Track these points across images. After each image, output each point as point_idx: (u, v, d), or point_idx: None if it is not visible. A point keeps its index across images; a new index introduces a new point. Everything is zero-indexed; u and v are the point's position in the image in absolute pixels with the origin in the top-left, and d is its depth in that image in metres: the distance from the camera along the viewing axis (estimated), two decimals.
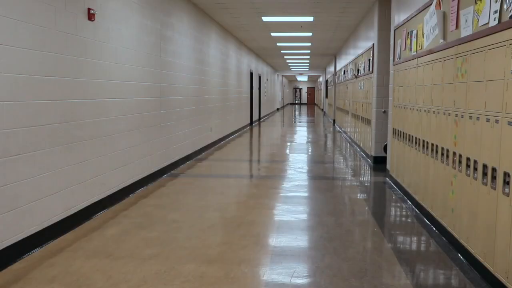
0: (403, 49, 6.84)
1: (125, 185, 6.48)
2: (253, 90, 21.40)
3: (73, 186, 5.07)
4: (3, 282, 3.68)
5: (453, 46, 4.55)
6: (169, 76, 8.44)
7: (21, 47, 4.15)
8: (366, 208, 6.32)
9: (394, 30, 7.58)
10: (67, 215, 4.95)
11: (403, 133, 6.73)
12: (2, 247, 3.93)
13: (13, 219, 4.07)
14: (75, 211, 5.12)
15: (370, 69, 10.18)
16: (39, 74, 4.42)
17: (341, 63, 18.74)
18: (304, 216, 5.79)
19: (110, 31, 5.92)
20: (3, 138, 3.92)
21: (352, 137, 13.65)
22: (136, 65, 6.80)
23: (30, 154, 4.30)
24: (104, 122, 5.78)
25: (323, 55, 23.04)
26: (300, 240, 4.86)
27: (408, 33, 6.52)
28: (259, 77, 23.99)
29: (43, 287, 3.58)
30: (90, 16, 5.36)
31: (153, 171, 7.62)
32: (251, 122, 20.75)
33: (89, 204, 5.42)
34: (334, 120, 22.05)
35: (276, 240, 4.78)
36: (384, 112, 9.32)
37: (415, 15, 6.13)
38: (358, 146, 12.09)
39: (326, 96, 30.36)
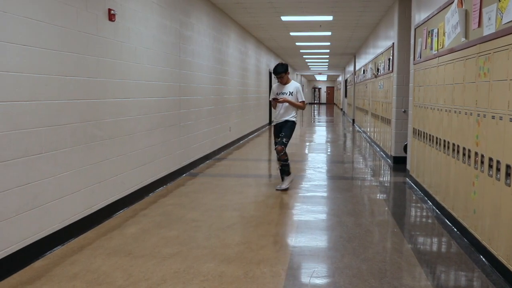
0: (424, 48, 6.77)
1: (145, 184, 6.52)
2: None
3: (94, 185, 5.12)
4: (26, 279, 3.73)
5: (475, 45, 4.49)
6: (188, 76, 8.48)
7: (43, 48, 4.21)
8: (386, 208, 6.27)
9: (415, 29, 7.50)
10: (88, 214, 5.01)
11: (424, 133, 6.66)
12: (25, 245, 3.99)
13: (35, 217, 4.12)
14: (96, 209, 5.17)
15: (390, 68, 10.09)
16: (60, 74, 4.47)
17: (360, 63, 18.62)
18: (323, 216, 5.76)
19: (130, 31, 5.97)
20: (25, 137, 3.97)
21: (372, 137, 13.55)
22: (155, 64, 6.84)
23: (52, 154, 4.35)
24: (124, 122, 5.82)
25: (342, 55, 22.91)
26: (319, 240, 4.84)
27: (429, 32, 6.44)
28: None
29: (65, 284, 3.62)
30: (111, 17, 5.40)
31: (172, 171, 7.66)
32: (270, 121, 20.73)
33: (109, 203, 5.47)
34: (353, 120, 21.92)
35: (295, 240, 4.77)
36: (404, 111, 9.23)
37: (436, 14, 6.06)
38: (378, 146, 11.99)
39: (346, 96, 30.19)
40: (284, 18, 12.06)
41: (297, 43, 17.99)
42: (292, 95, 7.13)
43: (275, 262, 4.15)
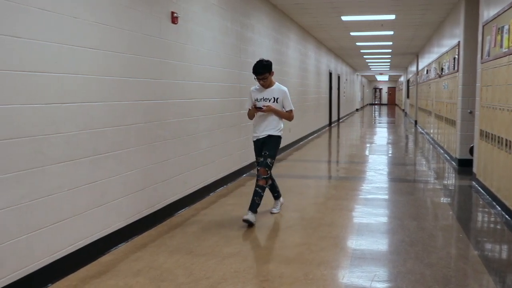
0: (493, 46, 6.49)
1: (206, 184, 6.62)
2: (332, 91, 21.18)
3: (157, 184, 5.25)
4: (94, 272, 3.88)
5: None
6: (249, 77, 8.52)
7: (111, 51, 4.36)
8: (450, 212, 6.06)
9: (483, 26, 7.21)
10: (151, 212, 5.14)
11: (492, 134, 6.39)
12: (93, 240, 4.15)
13: (102, 214, 4.28)
14: (158, 208, 5.30)
15: (455, 68, 9.75)
16: (125, 76, 4.62)
17: (423, 62, 18.12)
18: (384, 219, 5.64)
19: (192, 34, 6.08)
20: (93, 137, 4.13)
21: (435, 139, 13.14)
22: (216, 66, 6.94)
23: (117, 153, 4.50)
24: (186, 122, 5.94)
25: (404, 54, 22.37)
26: (380, 244, 4.75)
27: (499, 28, 6.17)
28: (338, 77, 23.71)
29: (129, 280, 3.73)
30: (174, 19, 5.53)
31: (232, 171, 7.74)
32: (330, 122, 20.55)
33: (171, 201, 5.60)
34: (415, 121, 21.35)
35: (355, 243, 4.69)
36: (470, 112, 8.89)
37: (507, 9, 5.80)
38: (442, 148, 11.62)
39: (408, 96, 29.46)
40: (344, 18, 11.92)
41: (357, 43, 17.74)
42: (277, 102, 5.49)
43: (336, 264, 4.11)
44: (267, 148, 5.43)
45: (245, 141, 8.34)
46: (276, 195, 5.86)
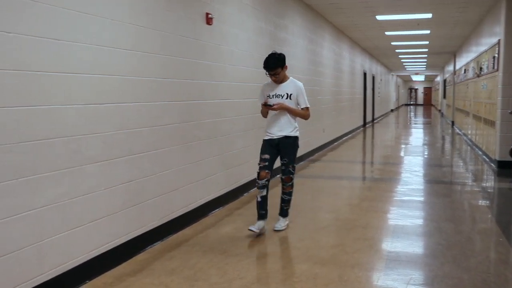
0: None
1: (240, 184, 6.64)
2: (367, 91, 20.95)
3: (191, 183, 5.30)
4: (129, 270, 3.94)
5: None
6: None
7: (146, 52, 4.42)
8: (489, 215, 5.91)
9: None
10: (185, 212, 5.18)
11: None
12: (129, 238, 4.21)
13: (137, 213, 4.34)
14: (193, 208, 5.34)
15: (495, 67, 9.50)
16: (161, 77, 4.68)
17: (461, 61, 17.73)
18: (420, 221, 5.54)
19: (226, 34, 6.11)
20: (129, 137, 4.19)
21: (473, 140, 12.84)
22: (250, 66, 6.95)
23: (152, 153, 4.56)
24: (220, 123, 5.97)
25: (441, 54, 21.95)
26: (416, 246, 4.66)
27: None
28: (373, 78, 23.45)
29: (164, 278, 3.77)
30: (208, 20, 5.56)
31: None
32: (365, 123, 20.33)
33: (205, 201, 5.63)
34: (452, 122, 20.91)
35: (391, 245, 4.62)
36: (511, 113, 8.65)
37: None
38: (480, 149, 11.34)
39: (444, 97, 28.89)
40: (379, 18, 11.77)
41: (392, 43, 17.49)
42: (291, 98, 5.00)
43: (370, 266, 4.06)
44: (286, 154, 5.00)
45: None
46: (264, 213, 4.94)
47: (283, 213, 5.15)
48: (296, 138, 5.10)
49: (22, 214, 3.11)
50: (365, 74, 20.28)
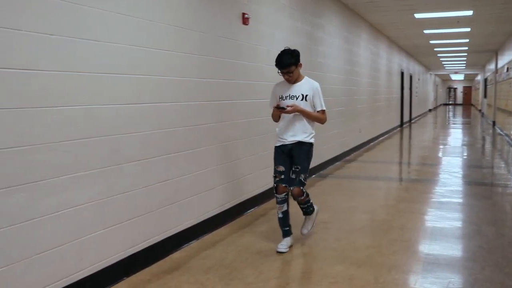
0: None
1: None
2: (404, 90, 20.62)
3: (227, 183, 5.33)
4: (166, 268, 3.99)
5: None
6: (319, 77, 8.45)
7: (184, 52, 4.48)
8: None
9: None
10: (221, 211, 5.21)
11: None
12: (165, 237, 4.27)
13: (174, 211, 4.39)
14: (228, 207, 5.36)
15: None
16: (197, 77, 4.72)
17: (503, 60, 17.24)
18: (459, 224, 5.42)
19: (262, 34, 6.11)
20: (166, 137, 4.25)
21: None
22: None
23: (189, 152, 4.60)
24: (255, 123, 5.98)
25: (481, 52, 21.40)
26: (455, 249, 4.56)
27: None
28: (410, 77, 23.06)
29: (199, 276, 3.80)
30: (245, 21, 5.58)
31: None
32: (402, 123, 20.01)
33: (241, 201, 5.65)
34: (493, 122, 20.37)
35: (428, 248, 4.54)
36: None
37: None
38: None
39: (485, 96, 28.17)
40: (418, 16, 11.57)
41: (431, 41, 17.16)
42: (306, 100, 4.42)
43: (407, 269, 4.00)
44: (298, 160, 4.40)
45: (315, 142, 8.28)
46: (288, 229, 4.53)
47: (307, 212, 4.69)
48: (310, 145, 4.53)
49: (63, 211, 3.19)
50: (402, 73, 19.97)
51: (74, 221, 3.28)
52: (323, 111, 4.49)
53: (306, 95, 4.42)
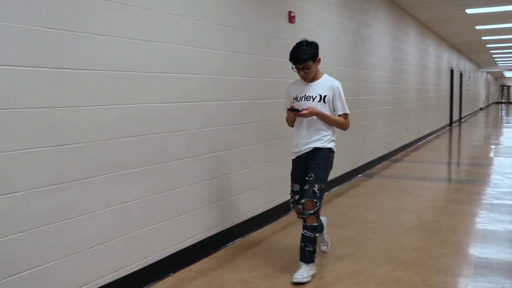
0: None
1: None
2: (453, 89, 20.07)
3: (272, 182, 5.33)
4: (212, 265, 4.03)
5: None
6: (366, 75, 8.36)
7: (231, 51, 4.51)
8: None
9: None
10: (266, 209, 5.22)
11: None
12: (211, 234, 4.31)
13: (219, 209, 4.43)
14: (273, 205, 5.37)
15: None
16: (243, 76, 4.74)
17: None
18: None
19: (308, 32, 6.07)
20: (212, 135, 4.29)
21: None
22: (333, 64, 6.87)
23: (235, 150, 4.63)
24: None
25: None
26: (508, 253, 4.40)
27: None
28: (460, 74, 22.42)
29: (244, 274, 3.82)
30: (291, 19, 5.57)
31: (347, 171, 7.62)
32: (451, 122, 19.49)
33: (286, 200, 5.63)
34: None
35: (479, 251, 4.40)
36: None
37: None
38: None
39: None
40: (469, 11, 11.23)
41: (483, 37, 16.62)
42: (325, 101, 3.80)
43: (457, 272, 3.89)
44: (313, 169, 3.72)
45: (361, 140, 8.19)
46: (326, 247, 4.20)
47: (305, 257, 3.69)
48: (329, 150, 3.84)
49: (112, 207, 3.27)
50: (452, 71, 19.44)
51: (123, 217, 3.36)
52: (345, 115, 3.86)
53: (325, 96, 3.79)
